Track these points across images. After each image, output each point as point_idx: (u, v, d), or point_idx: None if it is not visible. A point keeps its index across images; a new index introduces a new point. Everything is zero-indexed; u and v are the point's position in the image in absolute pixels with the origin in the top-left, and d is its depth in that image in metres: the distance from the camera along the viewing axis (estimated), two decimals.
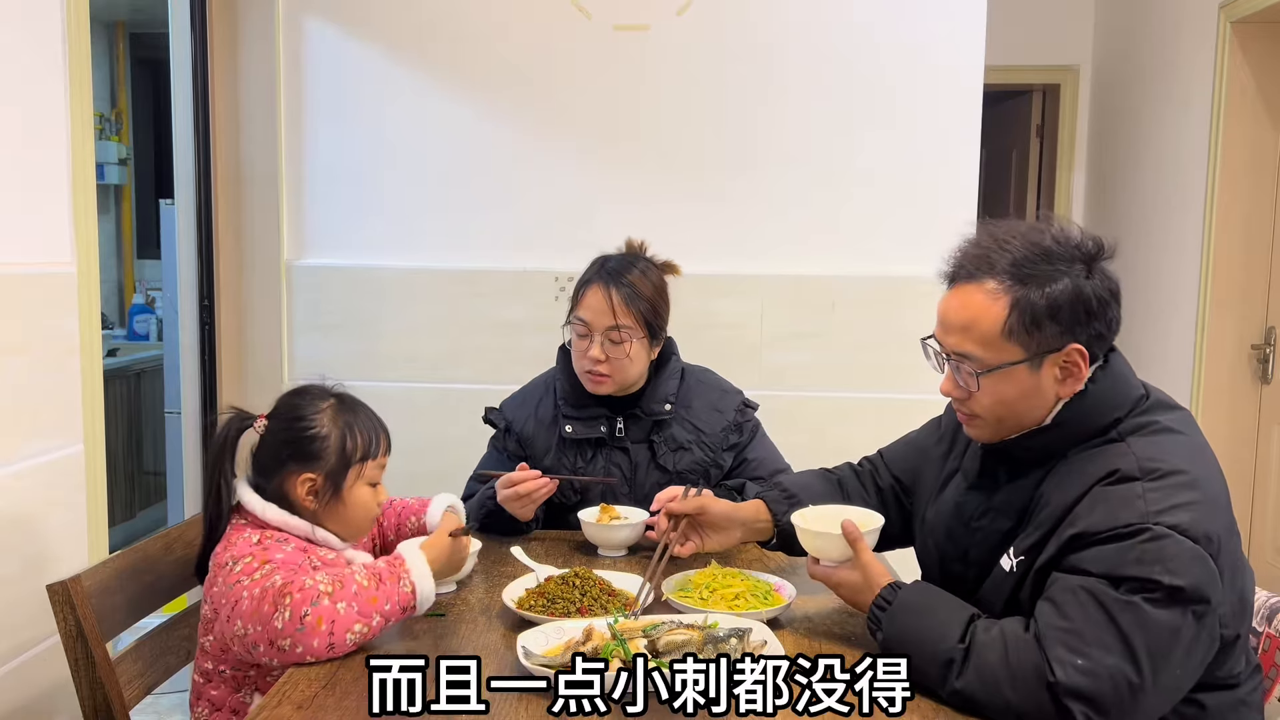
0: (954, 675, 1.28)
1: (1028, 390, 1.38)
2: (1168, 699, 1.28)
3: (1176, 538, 1.24)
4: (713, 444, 2.04)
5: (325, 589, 1.40)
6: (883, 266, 2.86)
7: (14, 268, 1.78)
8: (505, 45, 2.87)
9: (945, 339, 1.42)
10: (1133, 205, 4.26)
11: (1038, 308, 1.34)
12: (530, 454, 2.06)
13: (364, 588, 1.42)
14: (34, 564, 1.81)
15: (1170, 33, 3.97)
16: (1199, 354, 3.63)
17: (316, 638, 1.38)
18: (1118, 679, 1.22)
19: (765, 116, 2.87)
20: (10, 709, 1.76)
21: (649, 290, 2.00)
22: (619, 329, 1.95)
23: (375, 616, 1.42)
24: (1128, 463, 1.32)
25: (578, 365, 2.01)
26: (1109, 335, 1.39)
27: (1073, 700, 1.22)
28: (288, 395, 1.62)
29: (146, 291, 5.13)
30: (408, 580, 1.45)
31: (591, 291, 1.98)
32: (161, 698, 3.03)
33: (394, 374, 2.94)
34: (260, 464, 1.58)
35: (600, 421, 2.03)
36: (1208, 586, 1.24)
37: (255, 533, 1.52)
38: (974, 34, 2.82)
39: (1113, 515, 1.28)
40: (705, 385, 2.11)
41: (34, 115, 1.84)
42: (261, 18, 2.87)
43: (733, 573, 1.67)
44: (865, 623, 1.44)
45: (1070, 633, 1.24)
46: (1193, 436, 1.38)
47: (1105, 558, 1.26)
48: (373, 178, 2.93)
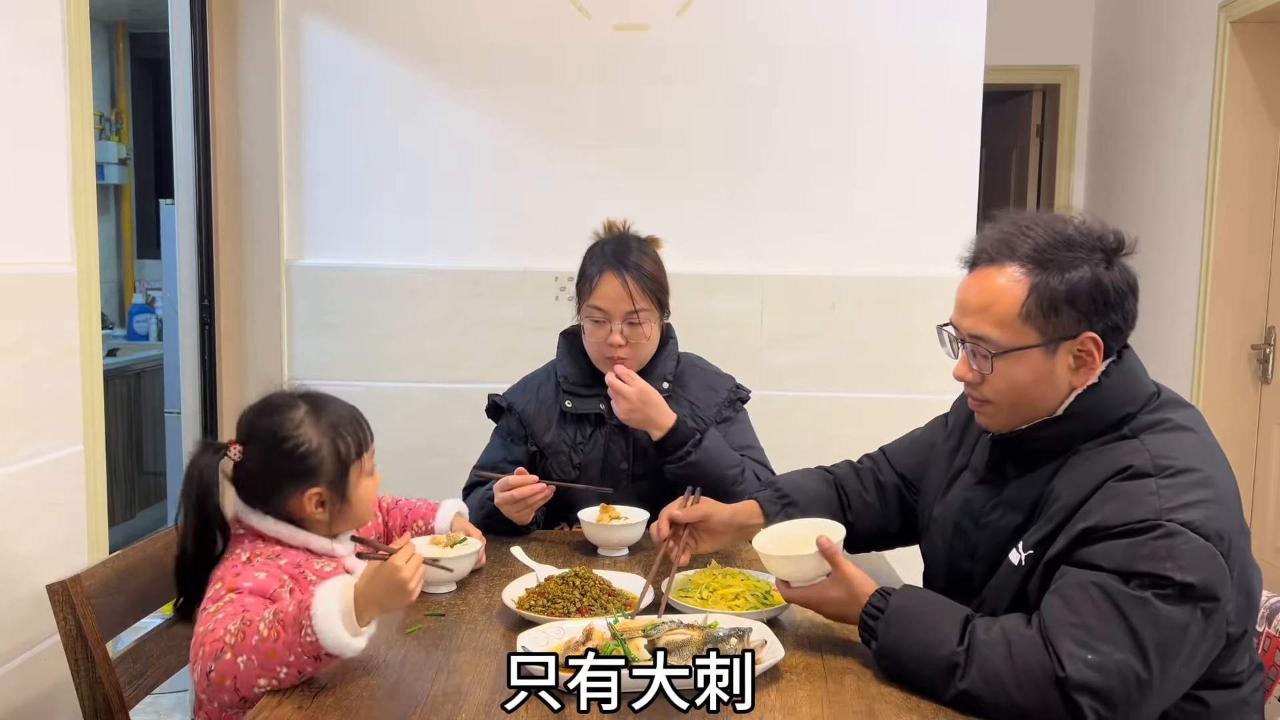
0: (958, 678, 1.28)
1: (1041, 376, 1.38)
2: (1172, 695, 1.28)
3: (1189, 535, 1.25)
4: (705, 416, 2.09)
5: (230, 640, 1.31)
6: (883, 266, 2.86)
7: (14, 268, 1.78)
8: (505, 45, 2.87)
9: (962, 321, 1.43)
10: (1133, 205, 4.26)
11: (1056, 293, 1.35)
12: (531, 432, 2.10)
13: (264, 639, 1.30)
14: (34, 564, 1.81)
15: (1170, 33, 3.97)
16: (1199, 354, 3.63)
17: (225, 693, 1.31)
18: (1126, 674, 1.22)
19: (765, 116, 2.87)
20: (10, 709, 1.76)
21: (653, 268, 2.06)
22: (637, 313, 2.01)
23: (280, 669, 1.30)
24: (1141, 459, 1.32)
25: (595, 351, 2.06)
26: (1125, 328, 1.40)
27: (1082, 695, 1.22)
28: (256, 415, 1.53)
29: (146, 291, 5.14)
30: (310, 630, 1.29)
31: (605, 280, 2.01)
32: (161, 698, 3.03)
33: (394, 374, 2.94)
34: (255, 494, 1.51)
35: (600, 399, 2.07)
36: (1218, 584, 1.25)
37: (246, 550, 1.48)
38: (974, 34, 2.82)
39: (1125, 511, 1.28)
40: (699, 369, 2.19)
41: (34, 115, 1.84)
42: (261, 18, 2.87)
43: (733, 573, 1.67)
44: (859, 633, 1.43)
45: (1080, 627, 1.24)
46: (1204, 435, 1.39)
47: (1117, 552, 1.26)
48: (373, 178, 2.93)
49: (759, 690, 1.32)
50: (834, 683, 1.37)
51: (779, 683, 1.36)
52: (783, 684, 1.36)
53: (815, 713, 1.28)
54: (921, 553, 1.65)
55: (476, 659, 1.43)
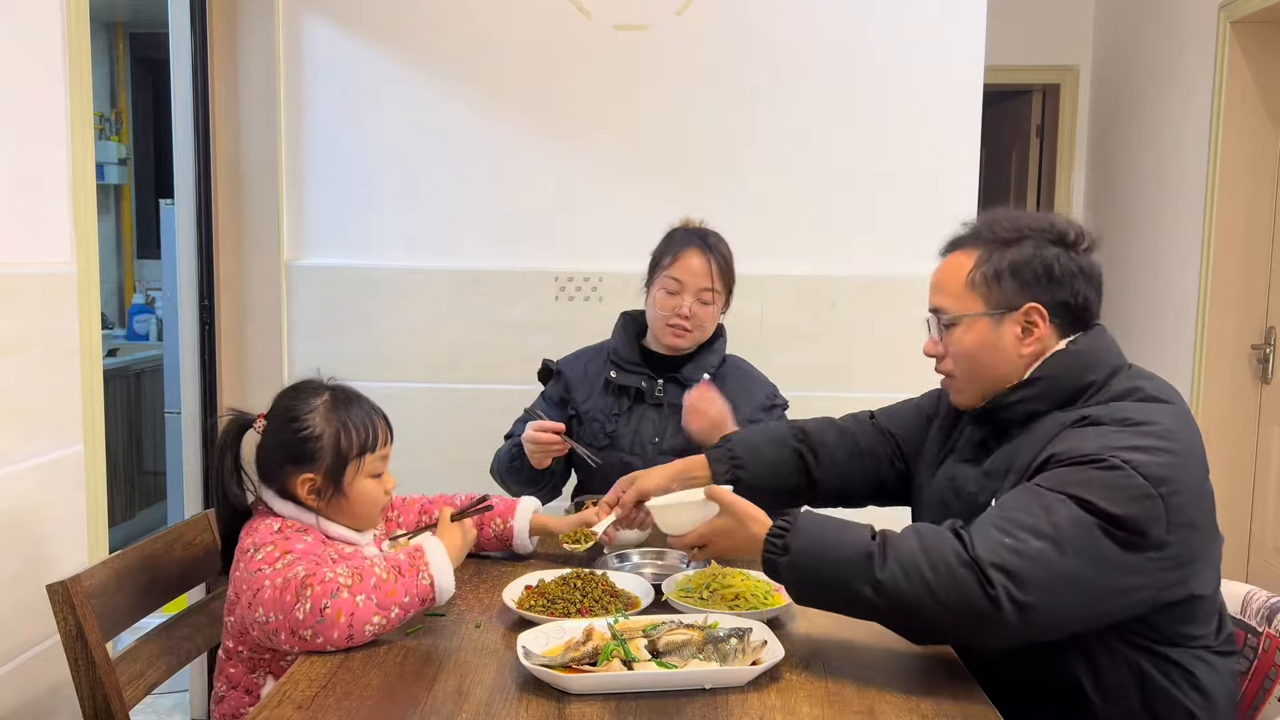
0: (875, 567, 1.31)
1: (989, 343, 1.49)
2: (1088, 605, 1.31)
3: (1128, 470, 1.30)
4: (738, 421, 2.09)
5: (345, 581, 1.44)
6: (883, 266, 2.86)
7: (14, 268, 1.78)
8: (505, 45, 2.87)
9: (929, 300, 1.56)
10: (1133, 206, 4.26)
11: (999, 264, 1.48)
12: (572, 397, 2.21)
13: (383, 580, 1.46)
14: (34, 564, 1.81)
15: (1170, 33, 3.97)
16: (1199, 354, 3.62)
17: (336, 629, 1.42)
18: (1040, 560, 1.27)
19: (765, 116, 2.87)
20: (10, 709, 1.76)
21: (730, 259, 2.19)
22: (712, 291, 2.13)
23: (394, 609, 1.45)
24: (1099, 412, 1.40)
25: (660, 319, 2.14)
26: (1076, 306, 1.48)
27: (996, 572, 1.27)
28: (283, 395, 1.62)
29: (146, 291, 5.14)
30: (426, 573, 1.48)
31: (690, 254, 2.13)
32: (161, 698, 3.03)
33: (394, 374, 2.93)
34: (262, 469, 1.59)
35: (643, 378, 2.19)
36: (1147, 524, 1.29)
37: (276, 520, 1.55)
38: (974, 34, 2.82)
39: (1074, 446, 1.35)
40: (743, 371, 2.27)
41: (34, 115, 1.84)
42: (261, 17, 2.87)
43: (733, 573, 1.67)
44: (762, 558, 1.43)
45: (1004, 519, 1.31)
46: (1177, 405, 1.44)
47: (1057, 475, 1.34)
48: (373, 178, 2.93)
49: (759, 690, 1.32)
50: (834, 683, 1.37)
51: (779, 683, 1.36)
52: (783, 684, 1.36)
53: (815, 713, 1.28)
54: None
55: (477, 659, 1.43)
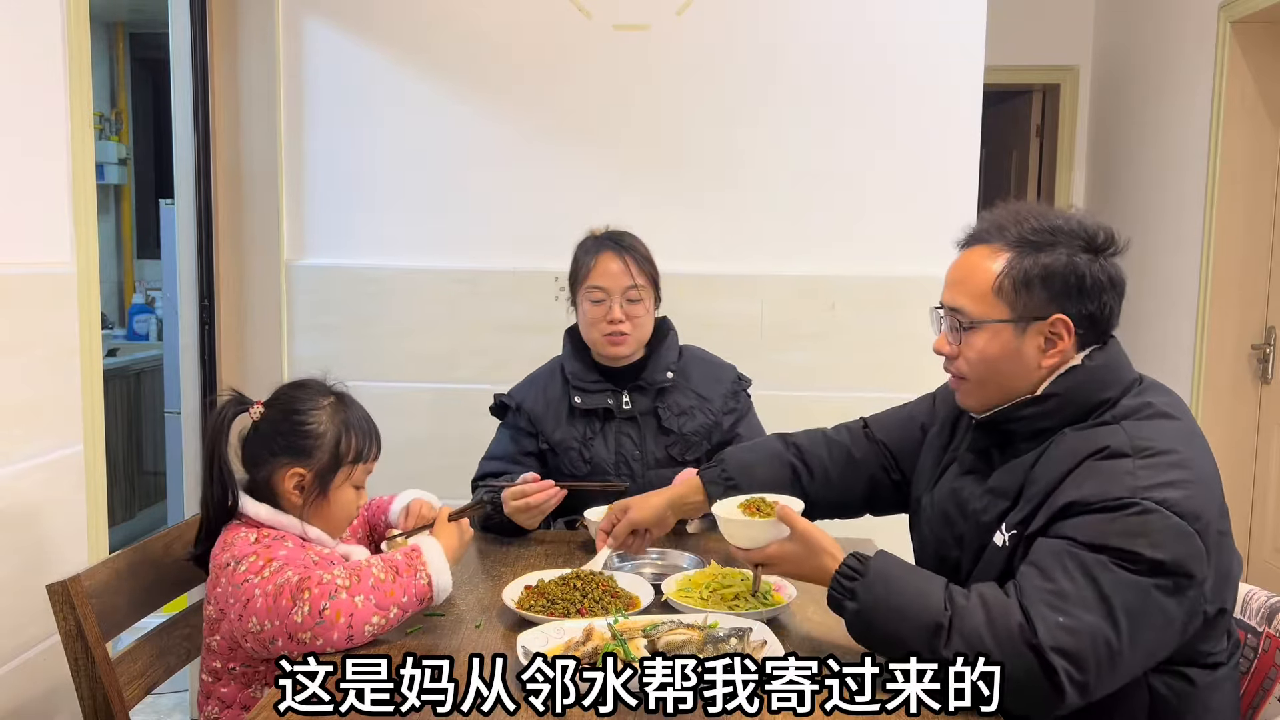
0: (942, 642, 1.29)
1: (1010, 352, 1.42)
2: (1143, 663, 1.31)
3: (1164, 513, 1.28)
4: (714, 409, 2.13)
5: (343, 583, 1.43)
6: (883, 266, 2.86)
7: (14, 268, 1.78)
8: (505, 45, 2.87)
9: (944, 295, 1.48)
10: (1133, 205, 4.26)
11: (1030, 271, 1.39)
12: (541, 430, 2.12)
13: (381, 581, 1.45)
14: (34, 564, 1.81)
15: (1170, 33, 3.96)
16: (1199, 354, 3.62)
17: (335, 631, 1.41)
18: (1097, 637, 1.25)
19: (765, 116, 2.87)
20: (10, 709, 1.76)
21: (646, 252, 2.13)
22: (636, 288, 2.07)
23: (392, 609, 1.45)
24: (1119, 440, 1.35)
25: (594, 333, 2.09)
26: (1101, 319, 1.43)
27: (1056, 657, 1.24)
28: (288, 387, 1.62)
29: (146, 291, 5.14)
30: (424, 573, 1.49)
31: (605, 259, 2.08)
32: (161, 698, 3.03)
33: (394, 374, 2.93)
34: (251, 453, 1.57)
35: (607, 394, 2.11)
36: (1190, 562, 1.28)
37: (252, 531, 1.52)
38: (974, 34, 2.82)
39: (1103, 489, 1.31)
40: (701, 360, 2.22)
41: (34, 115, 1.84)
42: (261, 18, 2.87)
43: (733, 573, 1.67)
44: (828, 595, 1.40)
45: (1053, 593, 1.27)
46: (1186, 421, 1.41)
47: (1091, 526, 1.29)
48: (372, 178, 2.93)
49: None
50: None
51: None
52: None
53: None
54: (911, 541, 1.67)
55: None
